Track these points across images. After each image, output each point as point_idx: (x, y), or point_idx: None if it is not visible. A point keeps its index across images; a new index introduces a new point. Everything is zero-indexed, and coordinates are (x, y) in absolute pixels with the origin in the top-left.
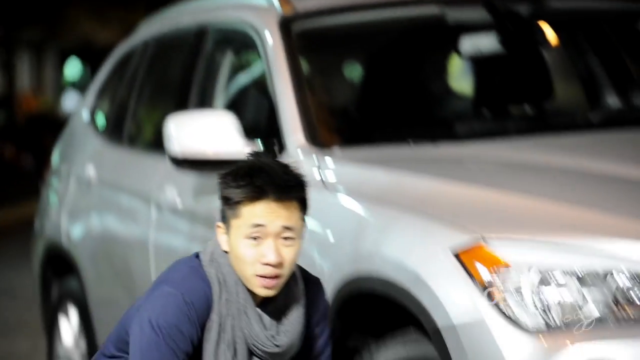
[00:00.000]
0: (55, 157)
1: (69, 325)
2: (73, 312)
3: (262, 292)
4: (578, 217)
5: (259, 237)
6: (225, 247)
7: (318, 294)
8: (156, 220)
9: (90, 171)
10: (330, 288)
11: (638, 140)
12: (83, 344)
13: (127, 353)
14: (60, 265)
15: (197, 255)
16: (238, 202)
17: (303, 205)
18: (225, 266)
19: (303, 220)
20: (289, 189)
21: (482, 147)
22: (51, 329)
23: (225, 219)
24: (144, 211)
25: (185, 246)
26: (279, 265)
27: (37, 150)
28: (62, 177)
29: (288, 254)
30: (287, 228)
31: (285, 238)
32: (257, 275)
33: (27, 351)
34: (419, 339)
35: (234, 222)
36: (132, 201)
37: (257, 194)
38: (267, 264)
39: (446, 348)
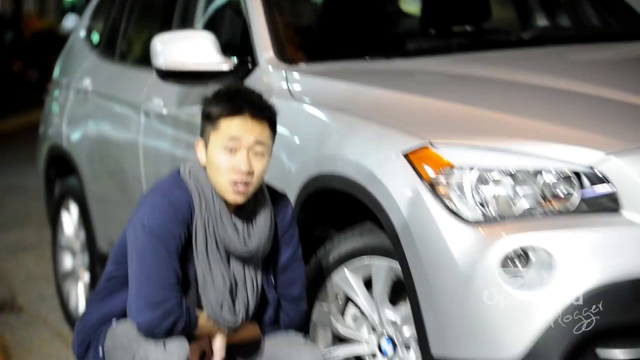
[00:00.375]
0: (56, 71)
1: (70, 218)
2: (73, 207)
3: (233, 198)
4: (513, 124)
5: (233, 149)
6: (203, 162)
7: (285, 204)
8: (144, 126)
9: (87, 83)
10: (297, 185)
11: (564, 54)
12: (82, 234)
13: (126, 268)
14: (61, 166)
15: (177, 172)
16: (218, 117)
17: (273, 128)
18: (202, 179)
19: (272, 140)
20: (263, 109)
21: (430, 62)
22: (55, 222)
23: (204, 134)
24: (134, 118)
25: (170, 148)
26: (249, 174)
27: (41, 65)
28: (62, 89)
29: (257, 166)
30: (259, 143)
31: (256, 152)
32: (230, 183)
33: (34, 240)
34: (374, 230)
35: (213, 135)
36: (124, 109)
37: (235, 110)
38: (239, 172)
39: (398, 237)
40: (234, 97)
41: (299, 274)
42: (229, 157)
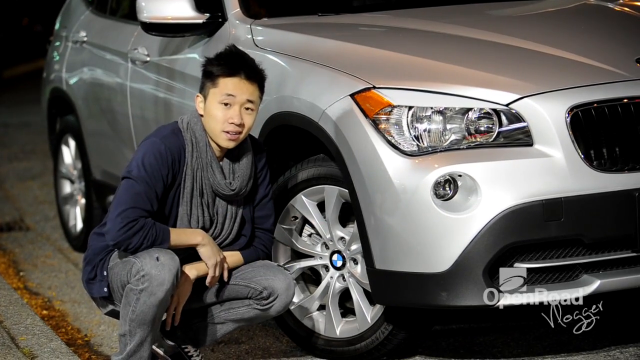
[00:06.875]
0: (57, 25)
1: (68, 151)
2: (71, 141)
3: (226, 144)
4: (443, 69)
5: (228, 104)
6: (201, 112)
7: (261, 149)
8: (131, 72)
9: (83, 35)
10: (260, 122)
11: (484, 10)
12: (79, 165)
13: None
14: (61, 106)
15: (177, 123)
16: (218, 76)
17: (262, 89)
18: (198, 130)
19: (260, 99)
20: (256, 72)
21: (372, 17)
22: (56, 153)
23: (204, 90)
24: (122, 65)
25: (153, 90)
26: (240, 125)
27: (45, 20)
28: (62, 40)
29: (247, 120)
30: (250, 101)
31: (247, 108)
32: (224, 132)
33: (39, 169)
34: (326, 160)
35: (212, 91)
36: (114, 57)
37: (232, 71)
38: (232, 124)
39: (346, 166)
40: (232, 59)
41: (272, 210)
42: (224, 110)
